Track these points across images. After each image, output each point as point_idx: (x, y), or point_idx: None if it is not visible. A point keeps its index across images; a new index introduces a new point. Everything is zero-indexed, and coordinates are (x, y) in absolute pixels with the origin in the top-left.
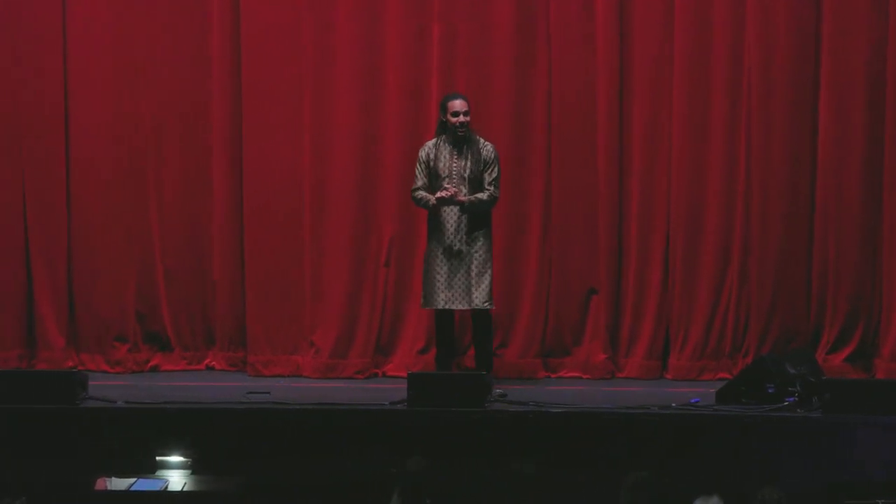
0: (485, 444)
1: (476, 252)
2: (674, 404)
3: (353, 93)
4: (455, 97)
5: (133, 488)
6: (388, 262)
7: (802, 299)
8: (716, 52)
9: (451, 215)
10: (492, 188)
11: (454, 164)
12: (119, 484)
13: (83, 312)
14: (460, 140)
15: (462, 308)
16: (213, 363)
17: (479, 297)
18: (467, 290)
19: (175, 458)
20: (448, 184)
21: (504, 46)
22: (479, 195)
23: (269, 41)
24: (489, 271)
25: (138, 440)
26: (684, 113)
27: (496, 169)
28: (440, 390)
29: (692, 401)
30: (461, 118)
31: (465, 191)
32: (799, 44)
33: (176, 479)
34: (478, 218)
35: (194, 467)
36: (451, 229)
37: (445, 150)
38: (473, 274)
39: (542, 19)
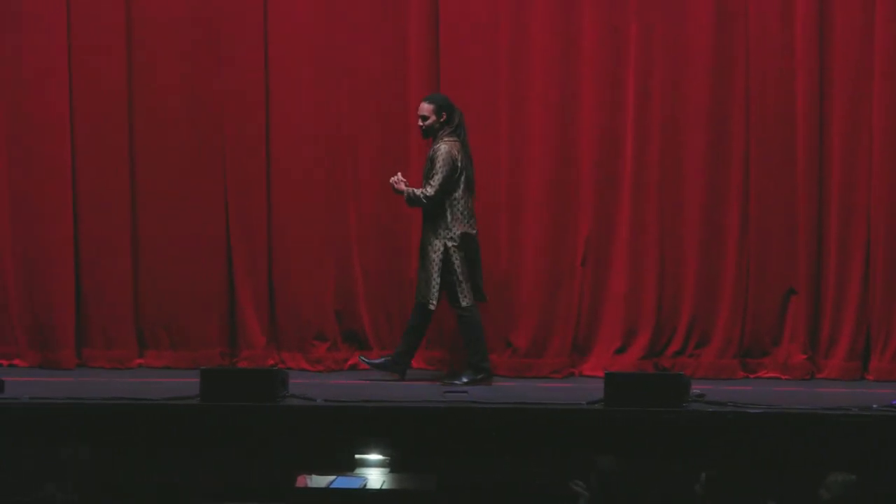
0: (682, 444)
1: (425, 252)
2: (875, 406)
3: (548, 93)
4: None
5: (333, 486)
6: (584, 261)
7: None
8: None
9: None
10: (427, 187)
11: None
12: (319, 481)
13: (283, 312)
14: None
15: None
16: (414, 362)
17: (423, 295)
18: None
19: (374, 457)
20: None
21: (701, 46)
22: (414, 189)
23: (467, 42)
24: (429, 268)
25: (337, 438)
26: (885, 114)
27: (437, 168)
28: (638, 390)
29: (893, 402)
30: (418, 121)
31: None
32: None
33: (375, 477)
34: (429, 217)
35: (393, 465)
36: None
37: None
38: (425, 272)
39: (741, 19)
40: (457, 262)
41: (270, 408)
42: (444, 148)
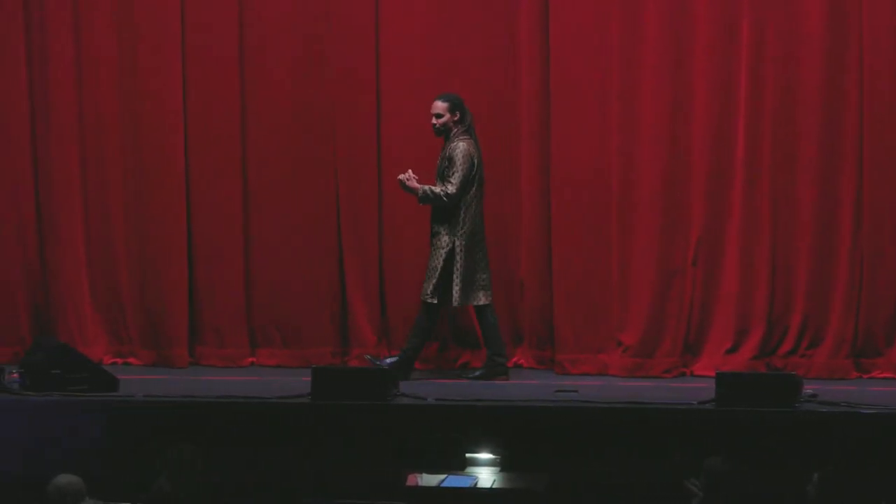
0: (795, 445)
1: (433, 248)
2: None
3: (659, 91)
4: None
5: (443, 484)
6: (695, 261)
7: None
8: None
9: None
10: (447, 185)
11: (438, 162)
12: (430, 480)
13: (394, 311)
14: (443, 139)
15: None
16: (521, 361)
17: (423, 289)
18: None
19: (484, 455)
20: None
21: (814, 44)
22: (432, 187)
23: (577, 39)
24: (441, 267)
25: (448, 437)
26: None
27: (458, 166)
28: (749, 390)
29: None
30: (432, 119)
31: (437, 185)
32: None
33: (485, 476)
34: (440, 214)
35: (503, 464)
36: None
37: None
38: (428, 267)
39: (854, 16)
40: (459, 262)
41: (381, 406)
42: (462, 146)
